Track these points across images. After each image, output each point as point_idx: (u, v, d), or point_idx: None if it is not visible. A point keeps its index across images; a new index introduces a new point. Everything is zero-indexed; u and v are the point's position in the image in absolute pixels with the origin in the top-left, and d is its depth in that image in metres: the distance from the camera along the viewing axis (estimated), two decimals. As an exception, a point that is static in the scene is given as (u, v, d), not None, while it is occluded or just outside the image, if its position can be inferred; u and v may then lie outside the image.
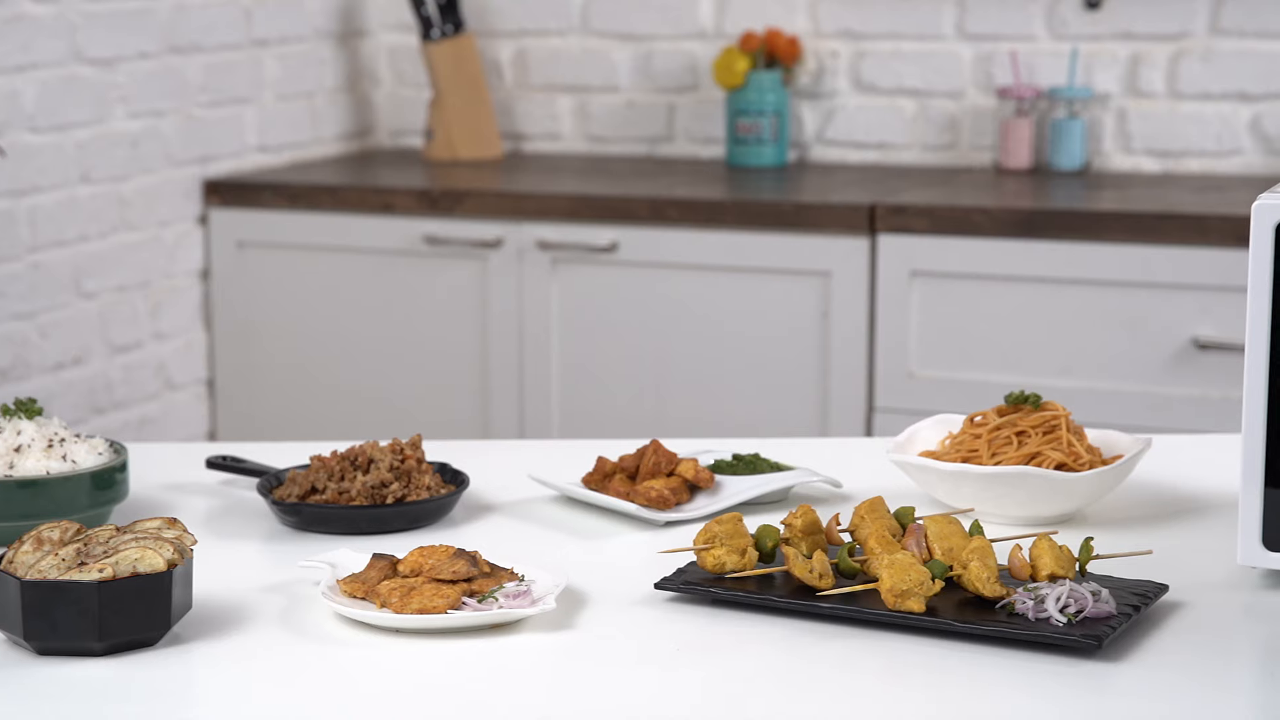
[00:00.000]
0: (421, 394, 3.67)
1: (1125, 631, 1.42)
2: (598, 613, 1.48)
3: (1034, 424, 1.72)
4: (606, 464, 1.77)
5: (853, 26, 3.96)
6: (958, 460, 1.72)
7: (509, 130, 4.23)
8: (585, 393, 3.58)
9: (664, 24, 4.09)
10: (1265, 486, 1.50)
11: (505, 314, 3.60)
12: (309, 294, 3.72)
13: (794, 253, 3.42)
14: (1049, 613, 1.40)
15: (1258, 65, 3.69)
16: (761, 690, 1.34)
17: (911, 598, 1.42)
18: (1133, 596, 1.45)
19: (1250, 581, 1.54)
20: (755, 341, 3.47)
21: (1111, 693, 1.34)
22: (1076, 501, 1.69)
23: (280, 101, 3.94)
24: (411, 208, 3.62)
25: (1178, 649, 1.41)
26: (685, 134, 4.12)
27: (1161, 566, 1.56)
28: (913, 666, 1.38)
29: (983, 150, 3.89)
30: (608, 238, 3.52)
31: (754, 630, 1.44)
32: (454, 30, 4.07)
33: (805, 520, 1.53)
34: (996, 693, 1.34)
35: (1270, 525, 1.50)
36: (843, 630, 1.44)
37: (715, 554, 1.50)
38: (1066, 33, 3.81)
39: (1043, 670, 1.37)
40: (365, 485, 1.66)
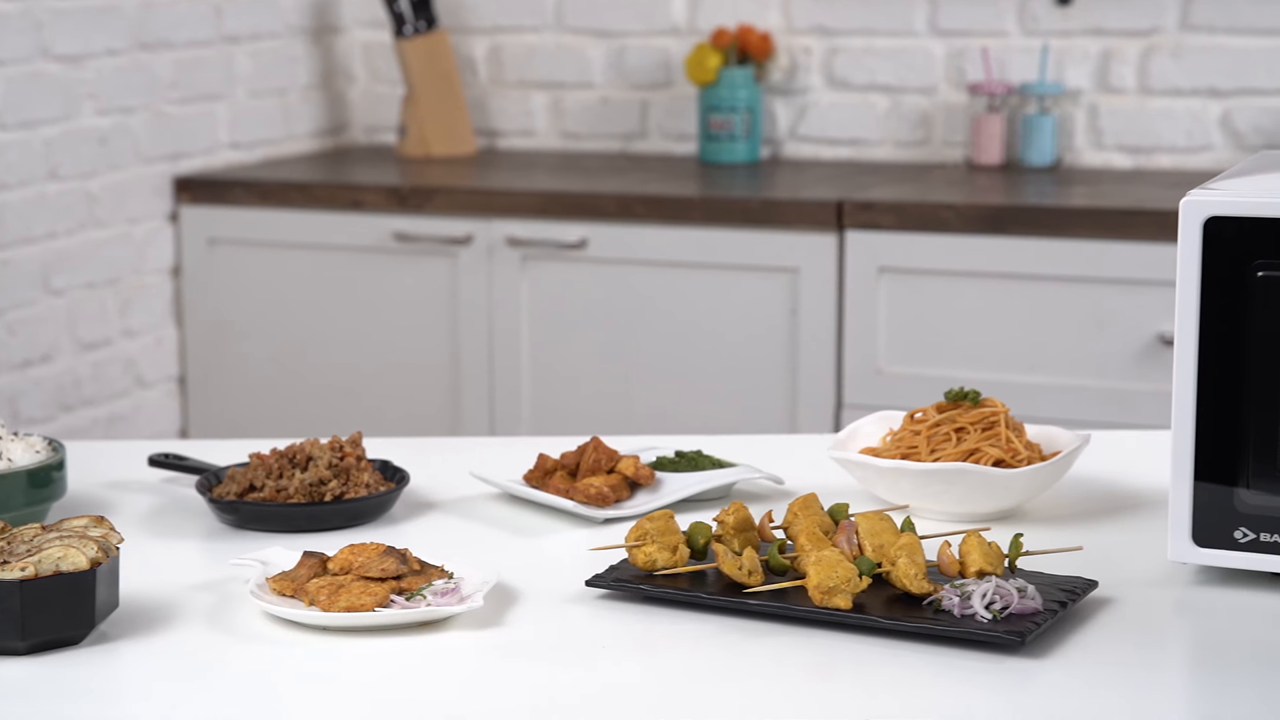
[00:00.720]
0: (392, 390, 3.67)
1: (1051, 628, 1.42)
2: (528, 610, 1.48)
3: (973, 420, 1.72)
4: (548, 461, 1.77)
5: (825, 23, 3.96)
6: (897, 457, 1.73)
7: (483, 127, 4.23)
8: (555, 389, 3.58)
9: (637, 20, 4.10)
10: (1194, 482, 1.50)
11: (475, 311, 3.60)
12: (280, 291, 3.72)
13: (762, 249, 3.42)
14: (974, 609, 1.40)
15: (1228, 61, 3.69)
16: (686, 687, 1.35)
17: (838, 594, 1.42)
18: (1060, 593, 1.45)
19: (1182, 578, 1.54)
20: (724, 338, 3.47)
21: (1034, 689, 1.34)
22: (1014, 498, 1.69)
23: (252, 98, 3.94)
24: (381, 205, 3.63)
25: (1104, 645, 1.41)
26: (659, 130, 4.12)
27: (1094, 563, 1.56)
28: (840, 663, 1.39)
29: (955, 146, 3.89)
30: (577, 234, 3.52)
31: (683, 627, 1.45)
32: (427, 27, 4.07)
33: (737, 517, 1.53)
34: (922, 689, 1.34)
35: (1200, 522, 1.50)
36: (772, 627, 1.44)
37: (646, 551, 1.50)
38: (1038, 29, 3.82)
39: (967, 666, 1.37)
40: (303, 483, 1.66)
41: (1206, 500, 1.50)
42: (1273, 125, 3.68)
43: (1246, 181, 1.54)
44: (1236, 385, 1.48)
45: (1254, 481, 1.48)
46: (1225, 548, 1.50)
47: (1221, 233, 1.47)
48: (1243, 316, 1.47)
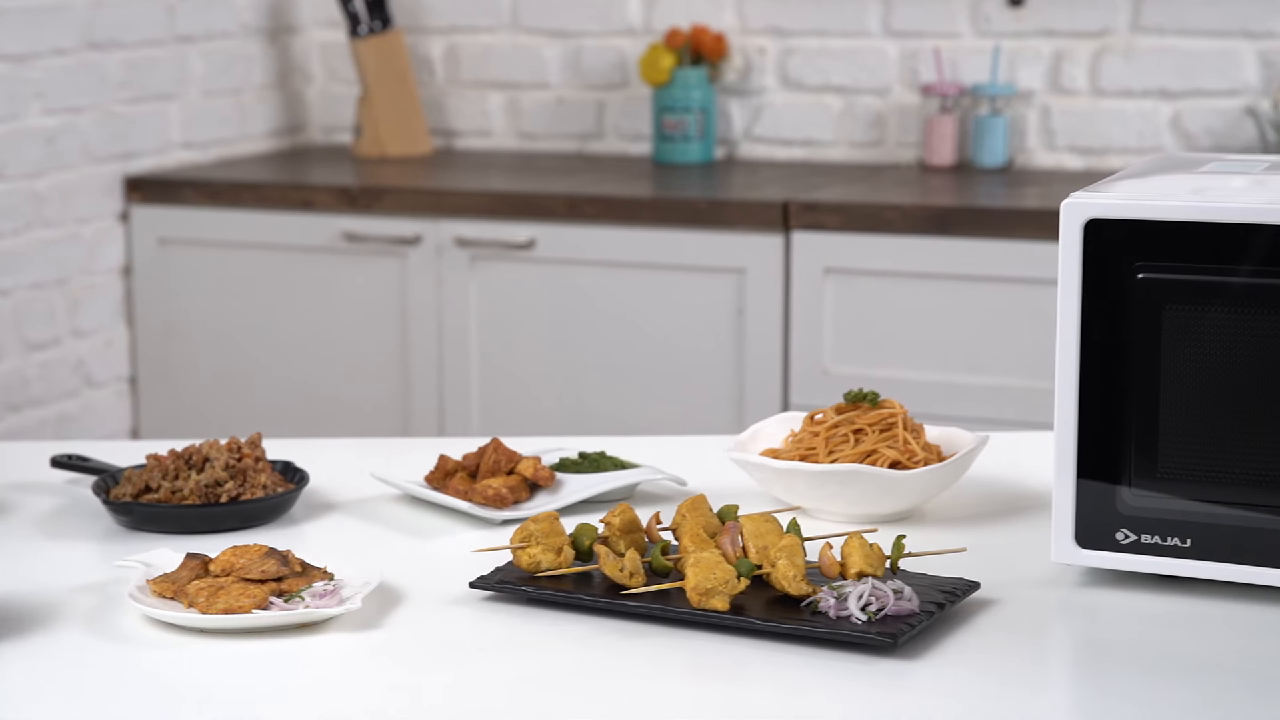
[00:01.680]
0: (342, 390, 3.68)
1: (928, 629, 1.43)
2: (410, 612, 1.48)
3: (871, 422, 1.73)
4: (448, 462, 1.77)
5: (780, 23, 3.96)
6: (795, 458, 1.73)
7: (441, 127, 4.24)
8: (504, 388, 3.59)
9: (593, 21, 4.10)
10: (1076, 485, 1.50)
11: (425, 311, 3.60)
12: (231, 291, 3.72)
13: (709, 250, 3.42)
14: (850, 611, 1.40)
15: (1178, 63, 3.69)
16: (559, 688, 1.35)
17: (716, 596, 1.42)
18: (940, 594, 1.45)
19: (1068, 579, 1.55)
20: (672, 338, 3.47)
21: (907, 690, 1.35)
22: (910, 499, 1.69)
23: (206, 98, 3.94)
24: (331, 205, 3.63)
25: (980, 646, 1.41)
26: (615, 131, 4.12)
27: (982, 564, 1.57)
28: (717, 665, 1.39)
29: (908, 147, 3.89)
30: (525, 235, 3.52)
31: (563, 629, 1.45)
32: (382, 27, 4.07)
33: (623, 519, 1.54)
34: (796, 690, 1.35)
35: (1082, 523, 1.51)
36: (651, 629, 1.44)
37: (530, 552, 1.50)
38: (990, 30, 3.82)
39: (842, 668, 1.37)
40: (199, 484, 1.66)
41: (1089, 502, 1.50)
42: (1223, 127, 3.69)
43: (1130, 184, 1.54)
44: (1117, 387, 1.48)
45: (1135, 483, 1.49)
46: (1107, 549, 1.51)
47: (1101, 234, 1.47)
48: (1123, 318, 1.47)
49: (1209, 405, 1.46)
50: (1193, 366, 1.46)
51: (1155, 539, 1.49)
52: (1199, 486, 1.47)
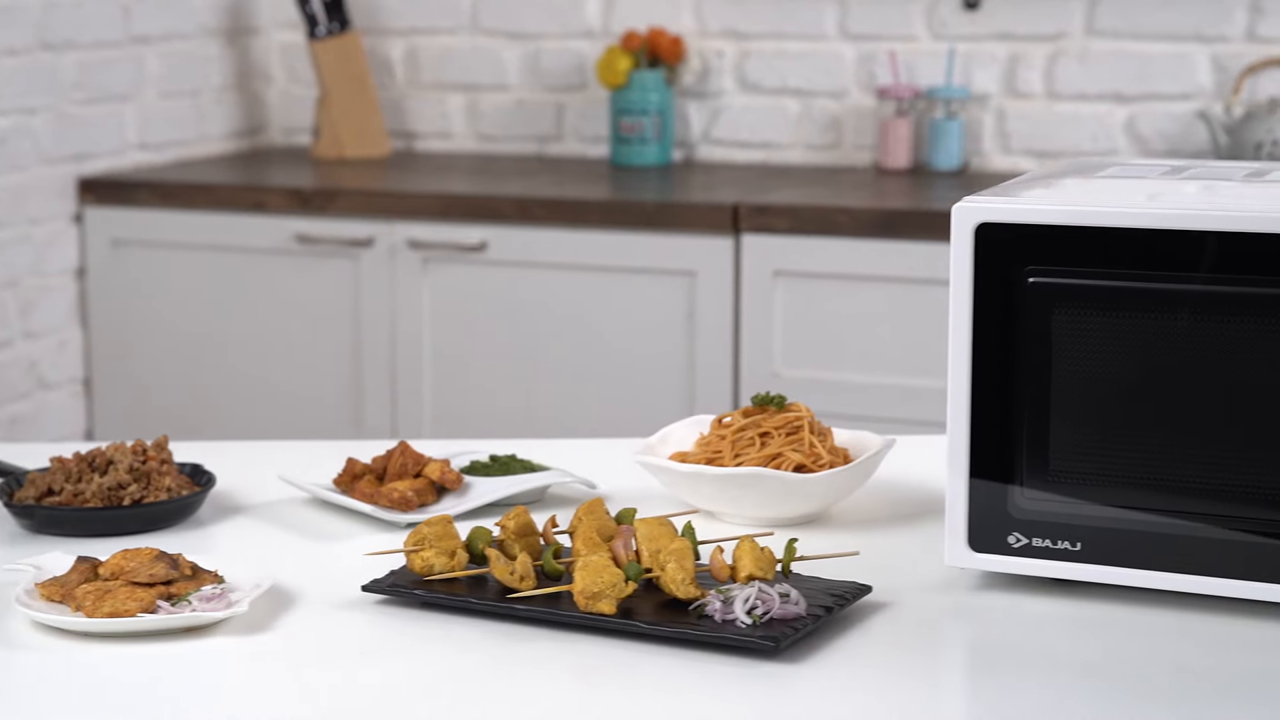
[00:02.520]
0: (296, 392, 3.67)
1: (815, 633, 1.43)
2: (301, 615, 1.48)
3: (777, 425, 1.73)
4: (356, 465, 1.77)
5: (737, 26, 3.96)
6: (702, 461, 1.73)
7: (401, 129, 4.24)
8: (457, 391, 3.59)
9: (552, 23, 4.10)
10: (969, 489, 1.50)
11: (377, 313, 3.60)
12: (184, 292, 3.72)
13: (659, 252, 3.42)
14: (735, 614, 1.41)
15: (1132, 66, 3.70)
16: (443, 692, 1.35)
17: (603, 600, 1.42)
18: (829, 598, 1.46)
19: (963, 583, 1.55)
20: (623, 340, 3.47)
21: (789, 693, 1.35)
22: (814, 502, 1.69)
23: (163, 99, 3.94)
24: (284, 206, 3.63)
25: (869, 650, 1.42)
26: (574, 133, 4.12)
27: (879, 567, 1.57)
28: (604, 668, 1.39)
29: (864, 150, 3.90)
30: (477, 237, 3.52)
31: (452, 632, 1.45)
32: (340, 28, 4.07)
33: (518, 522, 1.54)
34: (680, 693, 1.35)
35: (975, 527, 1.51)
36: (540, 632, 1.44)
37: (424, 556, 1.50)
38: (946, 33, 3.82)
39: (727, 671, 1.37)
40: (101, 487, 1.66)
41: (981, 505, 1.50)
42: (1176, 130, 3.69)
43: (1023, 188, 1.54)
44: (1009, 392, 1.48)
45: (1026, 487, 1.49)
46: (999, 553, 1.51)
47: (992, 239, 1.47)
48: (1014, 322, 1.48)
49: (1099, 409, 1.46)
50: (1083, 370, 1.46)
51: (1046, 542, 1.49)
52: (1089, 490, 1.47)
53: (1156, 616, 1.47)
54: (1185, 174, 1.63)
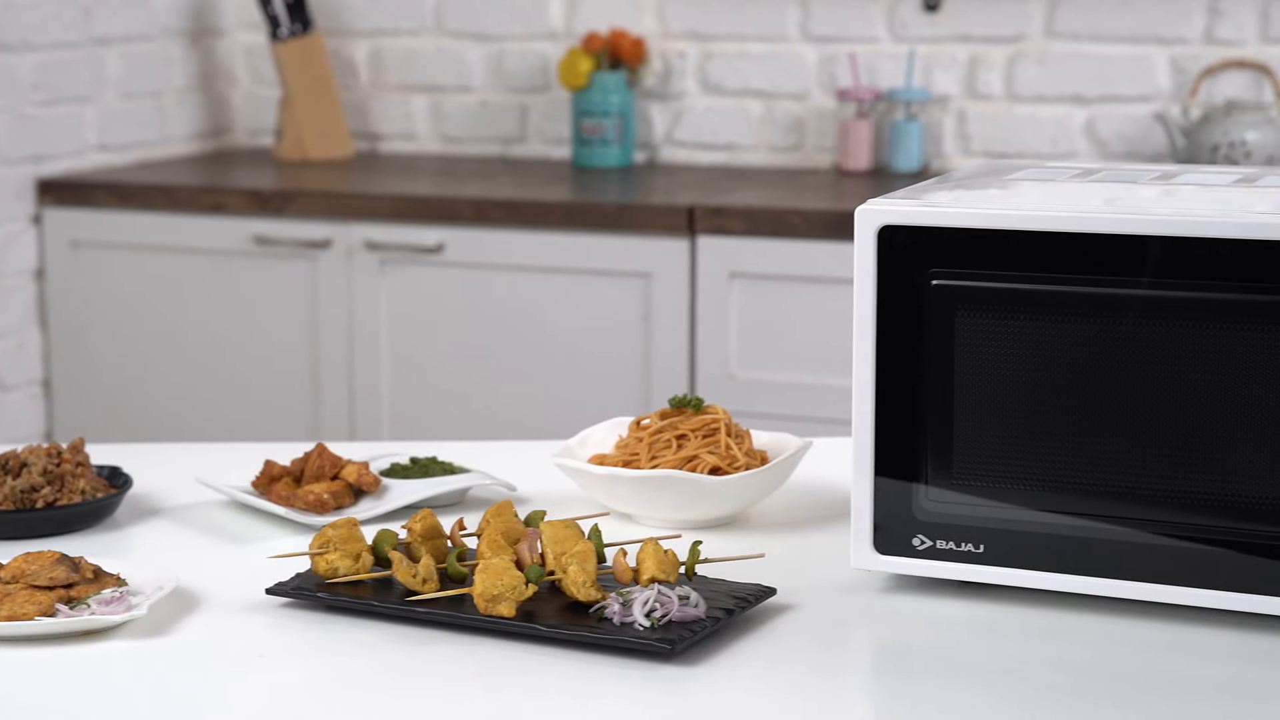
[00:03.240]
0: (254, 394, 3.67)
1: (714, 636, 1.43)
2: (203, 618, 1.48)
3: (694, 427, 1.73)
4: (274, 467, 1.77)
5: (699, 27, 3.96)
6: (619, 464, 1.73)
7: (365, 130, 4.23)
8: (414, 392, 3.58)
9: (515, 24, 4.10)
10: (874, 491, 1.50)
11: (335, 314, 3.60)
12: (143, 294, 3.71)
13: (616, 254, 3.42)
14: (634, 617, 1.40)
15: (1091, 68, 3.70)
16: (341, 696, 1.35)
17: (502, 602, 1.42)
18: (731, 600, 1.45)
19: (872, 585, 1.55)
20: (580, 342, 3.47)
21: (685, 696, 1.35)
22: (729, 504, 1.69)
23: (124, 100, 3.94)
24: (242, 208, 3.62)
25: (769, 653, 1.41)
26: (537, 134, 4.12)
27: (790, 569, 1.57)
28: (502, 670, 1.39)
29: (826, 152, 3.90)
30: (434, 238, 3.52)
31: (354, 635, 1.45)
32: (302, 29, 4.07)
33: (425, 525, 1.54)
34: (576, 696, 1.35)
35: (880, 529, 1.51)
36: (443, 635, 1.44)
37: (328, 559, 1.50)
38: (907, 35, 3.82)
39: (624, 674, 1.37)
40: (14, 489, 1.66)
41: (886, 508, 1.50)
42: (1135, 132, 3.69)
43: (930, 191, 1.54)
44: (914, 394, 1.48)
45: (931, 490, 1.49)
46: (905, 555, 1.51)
47: (895, 241, 1.47)
48: (918, 325, 1.47)
49: (1002, 411, 1.46)
50: (986, 373, 1.46)
51: (950, 544, 1.49)
52: (993, 492, 1.47)
53: (1060, 618, 1.47)
54: (1094, 177, 1.63)
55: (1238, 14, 3.59)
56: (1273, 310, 1.37)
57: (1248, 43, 3.59)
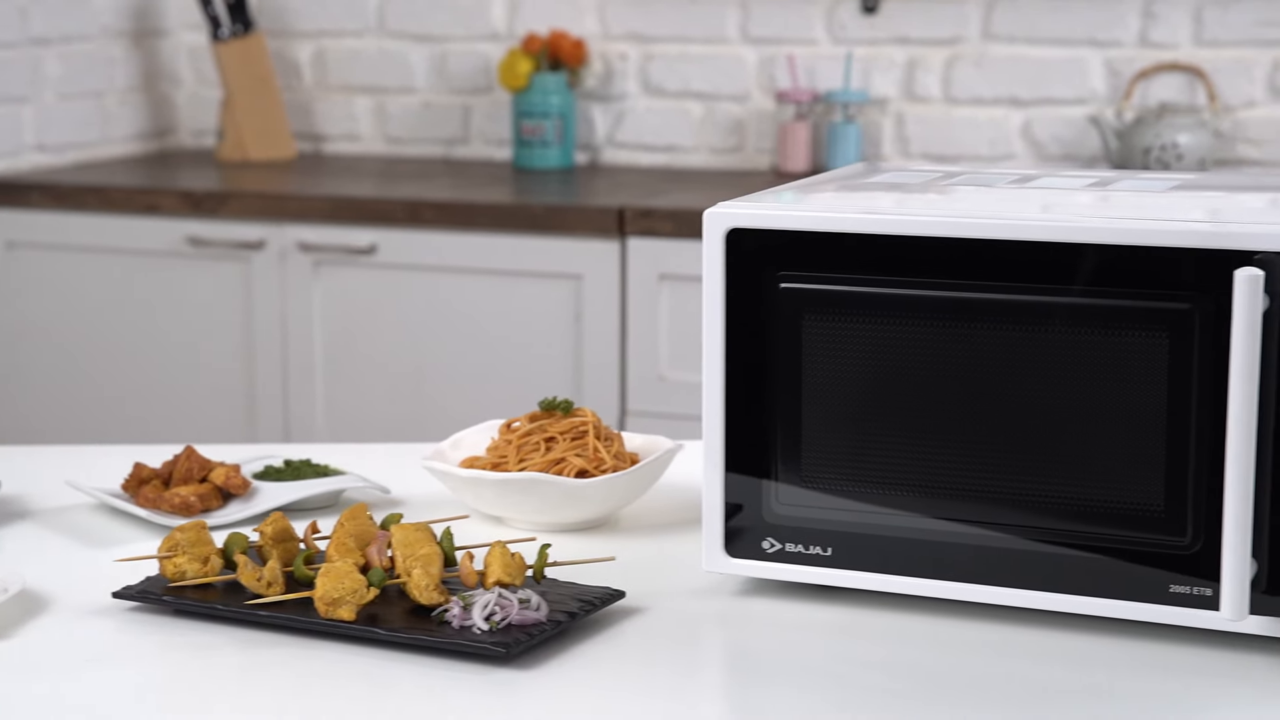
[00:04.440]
0: (189, 395, 3.66)
1: (557, 639, 1.42)
2: (47, 622, 1.47)
3: (563, 430, 1.72)
4: (144, 470, 1.76)
5: (640, 29, 3.96)
6: (488, 466, 1.73)
7: (309, 131, 4.23)
8: (349, 393, 3.58)
9: (458, 25, 4.09)
10: (724, 494, 1.50)
11: (269, 315, 3.59)
12: (78, 295, 3.70)
13: (547, 256, 3.42)
14: (473, 620, 1.40)
15: (1028, 71, 3.70)
16: (180, 702, 1.34)
17: (343, 606, 1.42)
18: (577, 604, 1.45)
19: (726, 588, 1.54)
20: (512, 343, 3.47)
21: (520, 699, 1.34)
22: (595, 507, 1.69)
23: (63, 101, 3.93)
24: (176, 209, 3.62)
25: (611, 657, 1.41)
26: (480, 135, 4.12)
27: (645, 572, 1.57)
28: (341, 675, 1.38)
29: (766, 153, 3.89)
30: (367, 240, 3.51)
31: (198, 639, 1.44)
32: (244, 30, 4.06)
33: (276, 528, 1.53)
34: (412, 699, 1.34)
35: (731, 532, 1.50)
36: (287, 639, 1.44)
37: (176, 562, 1.50)
38: (845, 37, 3.82)
39: (462, 679, 1.37)
40: (-125, 491, 1.65)
41: (737, 511, 1.50)
42: (1071, 135, 3.69)
43: (780, 194, 1.54)
44: (763, 397, 1.48)
45: (780, 493, 1.48)
46: (755, 558, 1.50)
47: (743, 244, 1.47)
48: (767, 328, 1.47)
49: (849, 414, 1.46)
50: (834, 376, 1.46)
51: (799, 547, 1.49)
52: (840, 495, 1.47)
53: (909, 621, 1.47)
54: (953, 181, 1.62)
55: (1171, 17, 3.59)
56: (1106, 314, 1.37)
57: (1181, 46, 3.59)
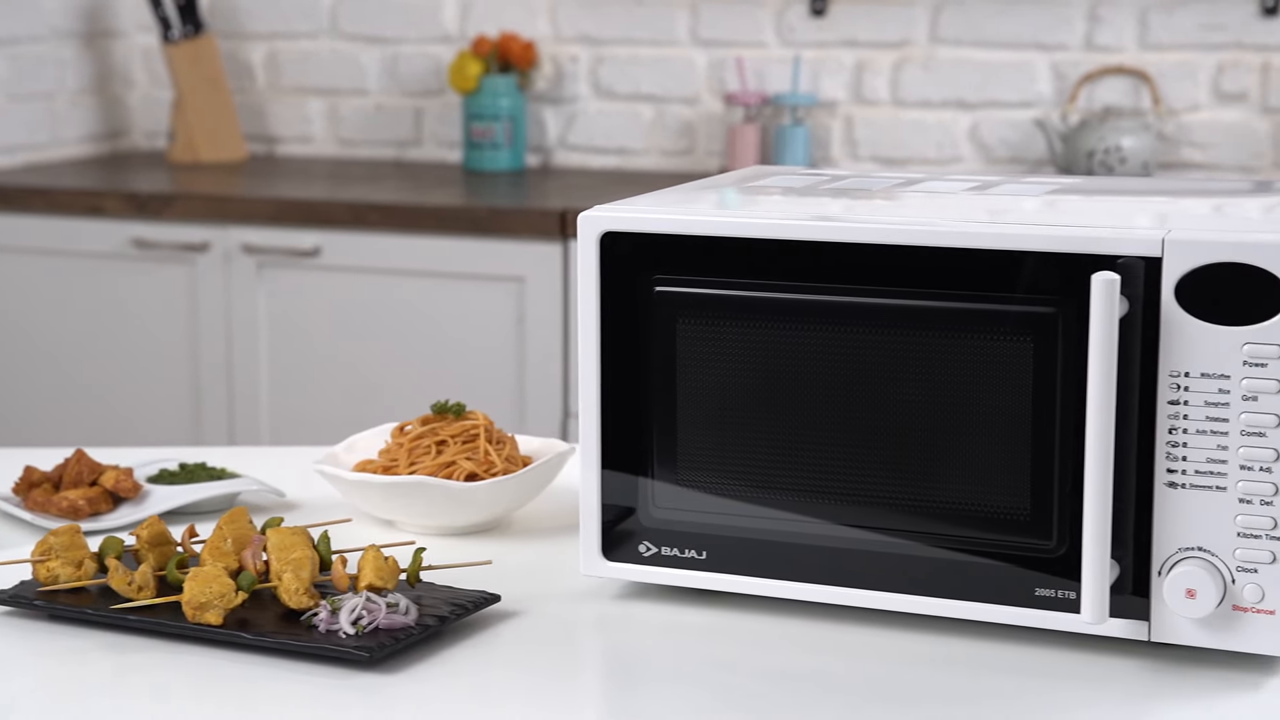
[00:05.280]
0: (134, 397, 3.66)
1: (427, 643, 1.42)
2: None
3: (454, 433, 1.72)
4: (34, 473, 1.76)
5: (591, 31, 3.96)
6: (379, 470, 1.72)
7: (262, 133, 4.22)
8: (293, 396, 3.57)
9: (410, 27, 4.09)
10: (601, 498, 1.49)
11: (214, 318, 3.59)
12: (22, 297, 3.70)
13: (490, 258, 3.41)
14: (340, 624, 1.40)
15: (975, 74, 3.70)
16: (33, 705, 1.34)
17: (210, 610, 1.41)
18: (449, 608, 1.45)
19: (607, 592, 1.54)
20: (456, 346, 3.46)
21: (384, 704, 1.33)
22: (484, 511, 1.68)
23: (12, 103, 3.92)
24: (120, 211, 3.61)
25: (482, 661, 1.40)
26: (432, 138, 4.11)
27: (529, 576, 1.56)
28: (208, 680, 1.37)
29: (716, 156, 3.89)
30: (311, 242, 3.51)
31: (67, 644, 1.43)
32: (194, 31, 4.05)
33: (152, 531, 1.53)
34: (277, 704, 1.33)
35: (608, 535, 1.50)
36: (156, 643, 1.43)
37: (49, 566, 1.49)
38: (794, 40, 3.82)
39: (328, 683, 1.36)
40: None
41: (614, 515, 1.49)
42: (1017, 138, 3.69)
43: (659, 198, 1.54)
44: (639, 401, 1.47)
45: (656, 497, 1.48)
46: (631, 561, 1.50)
47: (617, 248, 1.46)
48: (642, 332, 1.47)
49: (724, 418, 1.45)
50: (708, 380, 1.45)
51: (675, 551, 1.48)
52: (715, 499, 1.46)
53: (782, 625, 1.46)
54: (840, 184, 1.62)
55: (1117, 20, 3.59)
56: (974, 318, 1.37)
57: (1126, 49, 3.59)
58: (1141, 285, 1.31)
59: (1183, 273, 1.30)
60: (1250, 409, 1.29)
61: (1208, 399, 1.30)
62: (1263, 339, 1.28)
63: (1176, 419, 1.31)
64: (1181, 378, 1.31)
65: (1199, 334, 1.30)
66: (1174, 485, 1.32)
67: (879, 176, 1.66)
